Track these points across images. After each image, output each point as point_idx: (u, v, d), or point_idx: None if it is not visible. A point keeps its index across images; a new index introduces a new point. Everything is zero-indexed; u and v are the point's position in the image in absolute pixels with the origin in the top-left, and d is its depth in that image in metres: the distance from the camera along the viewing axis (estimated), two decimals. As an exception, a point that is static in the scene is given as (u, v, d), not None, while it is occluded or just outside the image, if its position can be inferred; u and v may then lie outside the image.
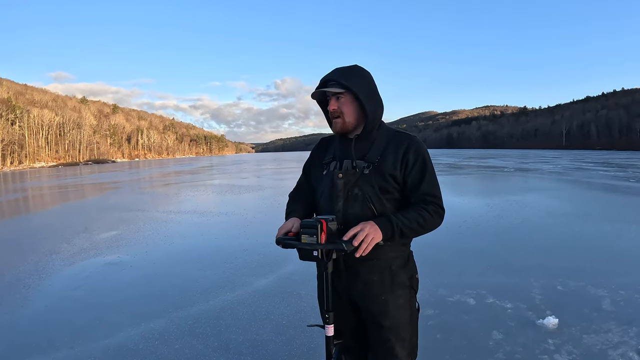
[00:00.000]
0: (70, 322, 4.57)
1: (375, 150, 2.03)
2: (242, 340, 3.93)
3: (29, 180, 37.56)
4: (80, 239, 8.93)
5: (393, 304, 2.00)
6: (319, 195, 2.14)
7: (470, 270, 5.80)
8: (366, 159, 2.02)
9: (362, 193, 1.97)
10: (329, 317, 1.93)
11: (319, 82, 2.06)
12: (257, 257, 6.95)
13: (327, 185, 2.07)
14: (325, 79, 2.03)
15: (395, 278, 2.01)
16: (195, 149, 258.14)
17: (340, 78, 1.99)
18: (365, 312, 2.04)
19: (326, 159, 2.17)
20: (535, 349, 3.61)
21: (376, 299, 2.00)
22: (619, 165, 33.49)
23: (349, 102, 2.03)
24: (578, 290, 5.01)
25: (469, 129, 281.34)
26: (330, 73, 2.05)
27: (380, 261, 2.00)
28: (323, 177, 2.13)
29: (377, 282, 2.00)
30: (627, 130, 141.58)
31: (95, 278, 6.16)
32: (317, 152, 2.28)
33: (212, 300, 5.05)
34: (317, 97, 2.14)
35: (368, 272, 2.00)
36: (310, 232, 1.83)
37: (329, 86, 2.02)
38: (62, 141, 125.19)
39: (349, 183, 2.00)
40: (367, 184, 1.98)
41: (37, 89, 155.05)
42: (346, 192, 1.99)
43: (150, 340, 4.01)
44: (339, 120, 2.04)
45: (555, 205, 12.25)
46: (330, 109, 2.04)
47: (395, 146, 2.03)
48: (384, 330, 1.99)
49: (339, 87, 2.00)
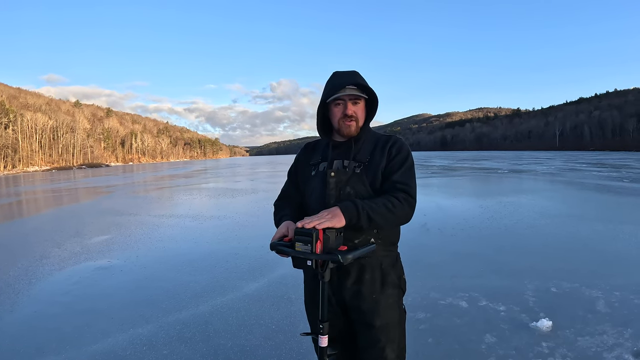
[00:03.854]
0: (58, 327, 4.50)
1: (365, 151, 2.09)
2: (230, 346, 3.88)
3: (22, 184, 37.29)
4: (72, 244, 8.84)
5: (384, 303, 2.01)
6: (308, 195, 2.15)
7: (462, 272, 5.76)
8: (356, 159, 2.07)
9: (354, 191, 2.01)
10: (323, 328, 1.88)
11: (334, 84, 2.07)
12: (249, 261, 6.89)
13: (318, 184, 2.09)
14: (343, 81, 2.05)
15: (386, 277, 2.04)
16: (189, 153, 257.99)
17: (361, 81, 2.06)
18: (355, 312, 2.03)
19: (314, 161, 2.19)
20: (529, 352, 3.57)
21: (367, 297, 2.00)
22: (613, 166, 33.63)
23: (362, 108, 2.11)
24: (572, 292, 4.98)
25: (462, 131, 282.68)
26: (347, 76, 2.07)
27: (371, 259, 2.01)
28: (312, 177, 2.15)
29: (368, 280, 2.01)
30: (620, 131, 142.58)
31: (85, 283, 6.08)
32: (303, 155, 2.29)
33: (202, 305, 4.99)
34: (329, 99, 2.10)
35: (359, 270, 2.01)
36: (305, 240, 1.75)
37: (348, 90, 2.04)
38: (55, 145, 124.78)
39: (340, 182, 2.03)
40: (359, 182, 2.02)
41: (30, 93, 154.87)
42: (338, 191, 2.02)
43: (138, 346, 3.95)
44: (353, 124, 2.08)
45: (549, 206, 12.25)
46: (349, 112, 2.06)
47: (382, 145, 2.10)
48: (375, 330, 1.99)
49: (362, 91, 2.08)
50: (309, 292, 2.18)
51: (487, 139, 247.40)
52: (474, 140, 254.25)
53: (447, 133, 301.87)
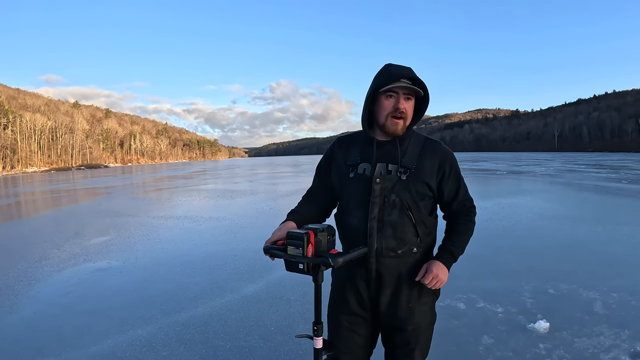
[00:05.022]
0: (58, 328, 4.51)
1: (411, 156, 1.97)
2: (229, 347, 3.89)
3: (21, 185, 37.26)
4: (71, 245, 8.84)
5: (418, 311, 2.00)
6: (346, 198, 2.05)
7: (460, 274, 5.76)
8: (402, 164, 1.95)
9: (399, 200, 1.92)
10: (317, 329, 1.88)
11: (391, 73, 1.90)
12: (247, 262, 6.89)
13: (359, 189, 1.97)
14: (400, 72, 1.89)
15: (423, 287, 1.99)
16: (188, 154, 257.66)
17: (418, 77, 1.90)
18: (388, 318, 2.00)
19: (351, 161, 2.04)
20: (527, 353, 3.59)
21: (404, 306, 1.98)
22: (611, 167, 33.68)
23: (412, 106, 1.98)
24: (570, 294, 5.00)
25: (461, 132, 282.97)
26: (403, 68, 1.92)
27: (410, 267, 1.98)
28: (350, 179, 2.02)
29: (406, 289, 1.98)
30: (619, 132, 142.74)
31: (84, 284, 6.09)
32: (339, 152, 2.12)
33: (201, 306, 5.00)
34: (382, 88, 1.94)
35: (398, 278, 1.98)
36: (296, 243, 1.75)
37: (404, 83, 1.89)
38: (54, 146, 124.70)
39: (385, 189, 1.92)
40: (404, 190, 1.92)
41: (29, 93, 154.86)
42: (382, 199, 1.92)
43: (137, 347, 3.96)
44: (400, 122, 1.94)
45: (547, 207, 12.27)
46: (402, 107, 1.92)
47: (430, 155, 2.00)
48: (406, 334, 1.98)
49: (419, 87, 1.92)
50: (341, 294, 2.09)
51: (485, 140, 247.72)
52: (472, 142, 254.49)
53: (446, 134, 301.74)
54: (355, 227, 1.97)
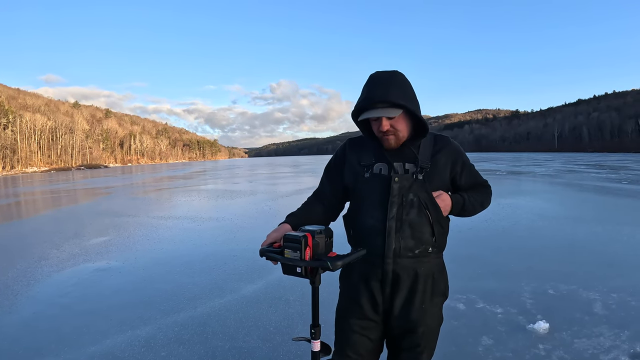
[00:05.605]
0: (57, 329, 4.51)
1: (424, 155, 1.98)
2: (228, 348, 3.88)
3: (21, 185, 37.26)
4: (70, 245, 8.84)
5: (430, 312, 1.98)
6: (362, 199, 2.01)
7: (460, 274, 5.75)
8: (417, 164, 1.96)
9: (417, 199, 1.92)
10: (315, 332, 1.85)
11: (362, 99, 1.88)
12: (247, 263, 6.89)
13: (376, 189, 1.96)
14: (374, 97, 1.84)
15: (435, 287, 2.00)
16: (188, 154, 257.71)
17: (393, 98, 1.83)
18: (400, 320, 1.97)
19: (365, 161, 2.02)
20: (526, 354, 3.58)
21: (417, 307, 1.96)
22: (611, 167, 33.68)
23: (402, 119, 1.91)
24: (569, 294, 5.00)
25: (461, 132, 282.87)
26: (375, 90, 1.85)
27: (425, 268, 1.97)
28: (366, 180, 1.99)
29: (420, 290, 1.96)
30: (619, 132, 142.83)
31: (83, 284, 6.09)
32: (351, 153, 2.09)
33: (200, 306, 5.00)
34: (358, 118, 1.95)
35: (413, 279, 1.96)
36: (294, 246, 1.71)
37: (379, 107, 1.85)
38: (54, 146, 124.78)
39: (403, 188, 1.91)
40: (421, 189, 1.92)
41: (29, 93, 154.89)
42: (401, 198, 1.91)
43: (136, 347, 3.95)
44: (392, 138, 1.92)
45: (547, 208, 12.27)
46: (384, 129, 1.88)
47: (443, 153, 2.03)
48: (416, 336, 1.96)
49: (394, 108, 1.85)
50: (352, 297, 2.04)
51: (486, 140, 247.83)
52: (472, 142, 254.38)
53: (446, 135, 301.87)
54: (371, 228, 1.95)
